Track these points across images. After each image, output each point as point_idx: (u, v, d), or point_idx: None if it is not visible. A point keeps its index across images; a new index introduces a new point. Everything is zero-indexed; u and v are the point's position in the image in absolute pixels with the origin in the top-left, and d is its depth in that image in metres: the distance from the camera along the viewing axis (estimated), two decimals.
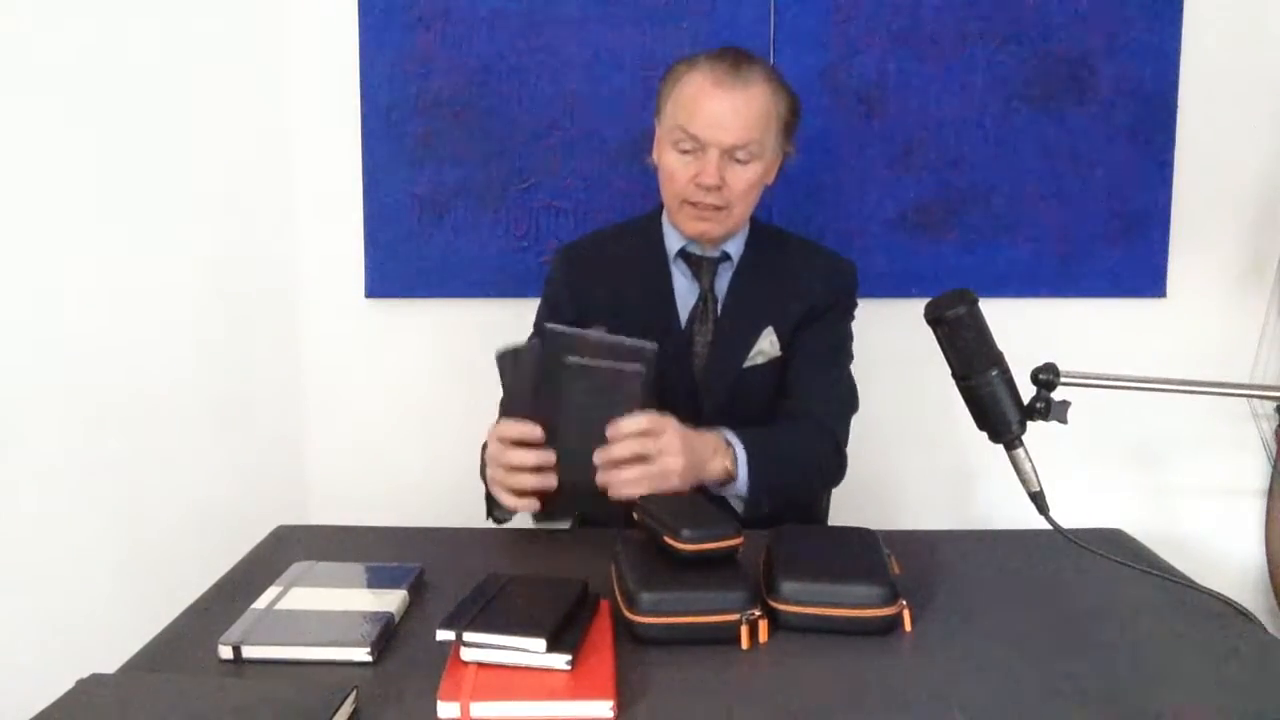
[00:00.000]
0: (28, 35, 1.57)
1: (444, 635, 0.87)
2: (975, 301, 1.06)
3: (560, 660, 0.85)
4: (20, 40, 1.56)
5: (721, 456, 1.26)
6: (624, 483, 1.16)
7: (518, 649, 0.85)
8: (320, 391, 2.01)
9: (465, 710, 0.80)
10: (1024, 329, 1.41)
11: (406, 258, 1.95)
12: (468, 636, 0.86)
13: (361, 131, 1.92)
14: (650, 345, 1.20)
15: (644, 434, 1.17)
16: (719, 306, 1.47)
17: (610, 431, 1.16)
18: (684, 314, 1.47)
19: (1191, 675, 0.91)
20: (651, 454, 1.16)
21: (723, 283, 1.48)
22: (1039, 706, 0.85)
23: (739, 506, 1.32)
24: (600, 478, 1.17)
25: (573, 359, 1.17)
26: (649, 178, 1.93)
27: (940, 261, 1.96)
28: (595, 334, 1.20)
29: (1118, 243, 1.97)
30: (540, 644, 0.85)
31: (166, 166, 1.77)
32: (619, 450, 1.16)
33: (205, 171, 1.82)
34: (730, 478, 1.27)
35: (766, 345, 1.45)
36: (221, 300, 1.86)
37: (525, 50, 1.91)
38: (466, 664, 0.86)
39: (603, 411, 1.15)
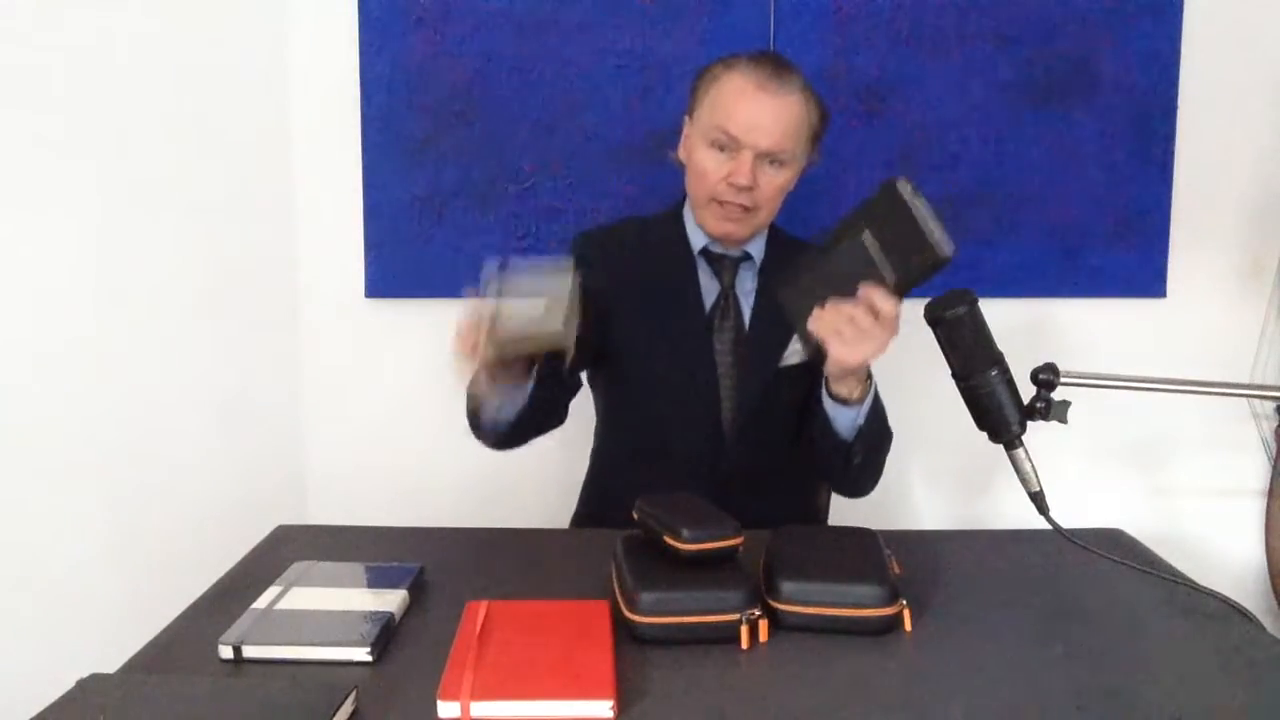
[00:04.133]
0: (27, 36, 1.57)
1: None
2: (975, 301, 1.06)
3: None
4: (20, 41, 1.56)
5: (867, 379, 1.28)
6: (842, 343, 1.16)
7: None
8: (320, 391, 2.01)
9: (465, 710, 0.80)
10: (1024, 329, 1.41)
11: (406, 258, 1.95)
12: None
13: (361, 131, 1.92)
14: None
15: (883, 316, 1.14)
16: (741, 306, 1.46)
17: (872, 297, 1.13)
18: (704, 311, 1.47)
19: (1191, 675, 0.91)
20: (868, 330, 1.15)
21: (742, 282, 1.47)
22: (1039, 706, 0.85)
23: (848, 433, 1.30)
24: (817, 327, 1.17)
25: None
26: (649, 178, 1.94)
27: None
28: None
29: (1118, 243, 1.97)
30: None
31: (166, 166, 1.77)
32: (859, 318, 1.14)
33: (205, 171, 1.82)
34: (862, 396, 1.27)
35: (800, 345, 1.42)
36: (221, 300, 1.86)
37: (525, 50, 1.91)
38: (465, 665, 0.86)
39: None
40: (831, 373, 1.24)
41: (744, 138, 1.35)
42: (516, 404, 1.25)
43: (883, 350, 1.16)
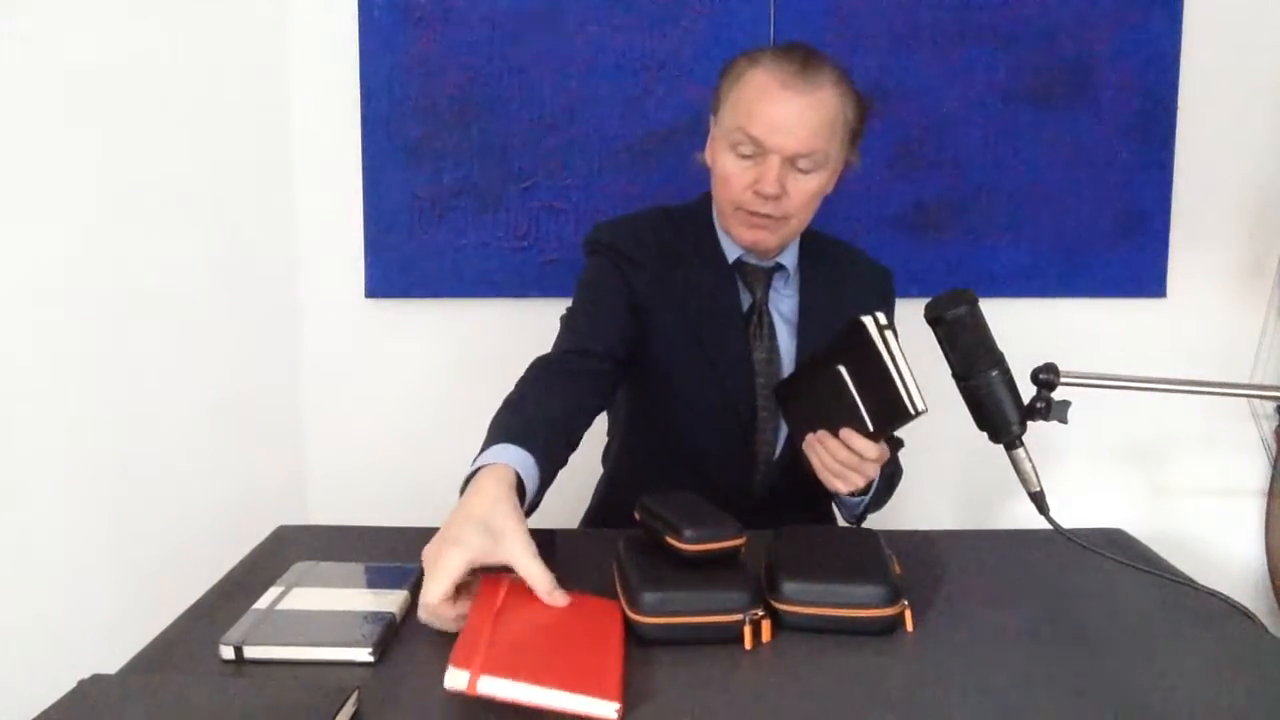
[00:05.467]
0: (28, 35, 1.57)
1: None
2: (975, 301, 1.06)
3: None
4: (20, 40, 1.56)
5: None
6: (831, 475, 1.21)
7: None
8: (320, 391, 2.01)
9: (473, 682, 0.79)
10: (1024, 329, 1.41)
11: (406, 258, 1.95)
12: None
13: (361, 131, 1.92)
14: None
15: (865, 459, 1.17)
16: (774, 320, 1.39)
17: (852, 442, 1.17)
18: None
19: (1191, 675, 0.91)
20: (855, 466, 1.19)
21: (775, 295, 1.40)
22: (1039, 706, 0.85)
23: (854, 509, 1.36)
24: (809, 454, 1.22)
25: None
26: (649, 178, 1.95)
27: (940, 261, 1.96)
28: None
29: (1118, 243, 1.98)
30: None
31: (167, 166, 1.77)
32: (845, 459, 1.18)
33: (205, 171, 1.82)
34: (866, 489, 1.28)
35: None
36: (221, 300, 1.86)
37: (525, 50, 1.91)
38: (480, 637, 0.85)
39: None
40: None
41: (768, 141, 1.24)
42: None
43: (870, 478, 1.21)
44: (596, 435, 1.58)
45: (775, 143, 1.25)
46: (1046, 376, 1.05)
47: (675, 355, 1.36)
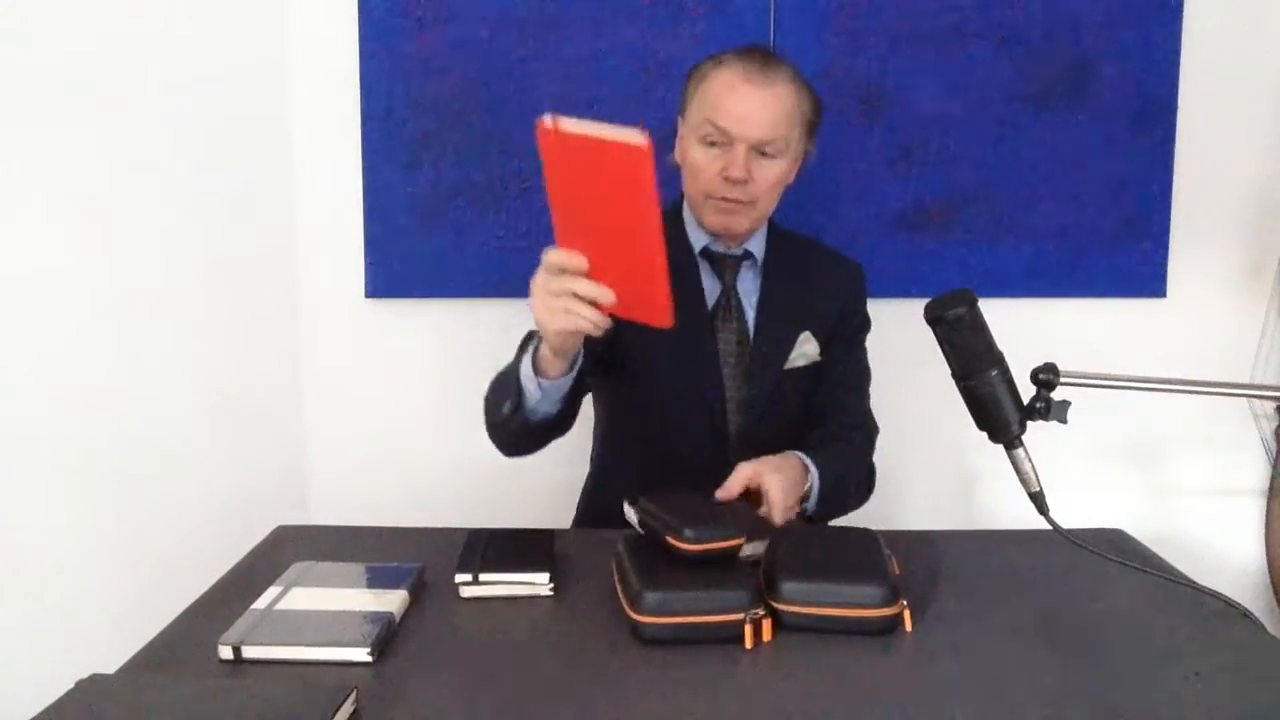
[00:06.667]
0: (27, 35, 1.57)
1: (462, 578, 1.06)
2: (975, 301, 1.06)
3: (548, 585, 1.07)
4: (20, 40, 1.56)
5: (803, 485, 1.33)
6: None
7: (525, 583, 1.07)
8: (320, 391, 2.01)
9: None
10: (1024, 329, 1.41)
11: (406, 258, 1.95)
12: (483, 577, 1.06)
13: (361, 131, 1.92)
14: None
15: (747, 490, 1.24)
16: (744, 305, 1.47)
17: (721, 494, 1.24)
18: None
19: (1191, 675, 0.91)
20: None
21: (744, 282, 1.48)
22: (1039, 707, 0.85)
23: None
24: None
25: None
26: None
27: (940, 261, 1.96)
28: None
29: (1118, 243, 1.97)
30: (544, 577, 1.07)
31: (167, 167, 1.77)
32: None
33: (205, 172, 1.82)
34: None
35: (809, 349, 1.47)
36: (221, 300, 1.86)
37: (525, 50, 1.90)
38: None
39: None
40: None
41: (734, 129, 1.34)
42: (555, 399, 1.24)
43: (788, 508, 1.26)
44: (584, 438, 1.58)
45: (740, 131, 1.35)
46: (1046, 376, 1.05)
47: (642, 346, 1.41)
